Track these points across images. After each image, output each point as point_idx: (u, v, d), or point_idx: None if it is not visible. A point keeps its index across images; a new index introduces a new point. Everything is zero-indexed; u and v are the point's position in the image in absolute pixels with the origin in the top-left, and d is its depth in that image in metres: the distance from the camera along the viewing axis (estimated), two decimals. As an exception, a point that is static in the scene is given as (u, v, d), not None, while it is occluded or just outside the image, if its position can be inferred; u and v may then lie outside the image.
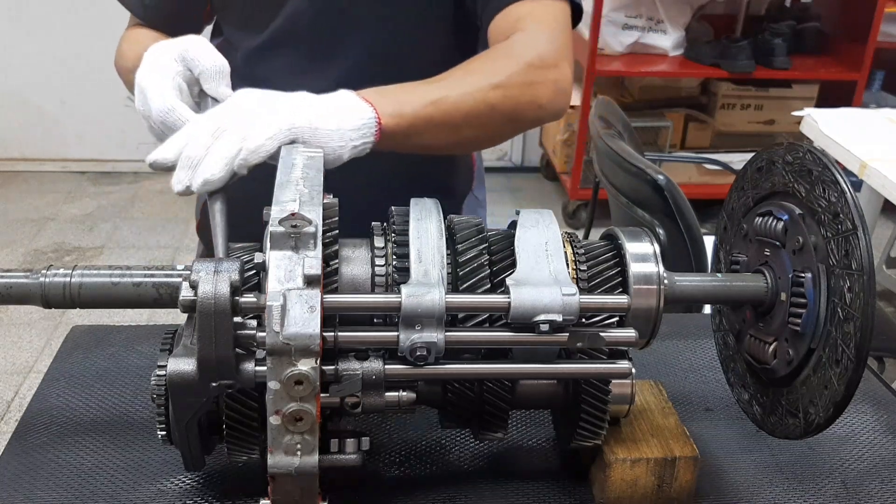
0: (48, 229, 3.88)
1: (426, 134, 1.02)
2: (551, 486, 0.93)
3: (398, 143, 0.99)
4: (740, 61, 3.94)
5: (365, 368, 0.76)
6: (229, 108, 0.92)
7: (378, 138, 0.95)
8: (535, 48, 1.10)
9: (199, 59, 1.00)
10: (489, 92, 1.05)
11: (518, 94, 1.08)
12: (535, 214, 0.87)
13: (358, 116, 0.94)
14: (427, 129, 1.01)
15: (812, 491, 0.95)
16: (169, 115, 0.96)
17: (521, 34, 1.12)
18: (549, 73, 1.11)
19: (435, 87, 1.03)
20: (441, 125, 1.02)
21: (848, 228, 0.79)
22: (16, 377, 2.93)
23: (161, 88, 0.97)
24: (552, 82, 1.11)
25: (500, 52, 1.12)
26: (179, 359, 0.73)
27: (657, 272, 0.86)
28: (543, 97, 1.10)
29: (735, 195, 0.98)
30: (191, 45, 1.01)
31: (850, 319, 0.78)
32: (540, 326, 0.77)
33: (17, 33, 4.19)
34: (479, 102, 1.04)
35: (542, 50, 1.10)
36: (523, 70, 1.08)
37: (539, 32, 1.13)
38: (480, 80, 1.05)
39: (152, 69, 1.00)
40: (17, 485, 0.90)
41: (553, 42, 1.13)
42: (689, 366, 1.19)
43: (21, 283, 0.82)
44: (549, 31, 1.14)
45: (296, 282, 0.70)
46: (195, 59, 1.00)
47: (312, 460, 0.71)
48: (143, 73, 1.00)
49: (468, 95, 1.03)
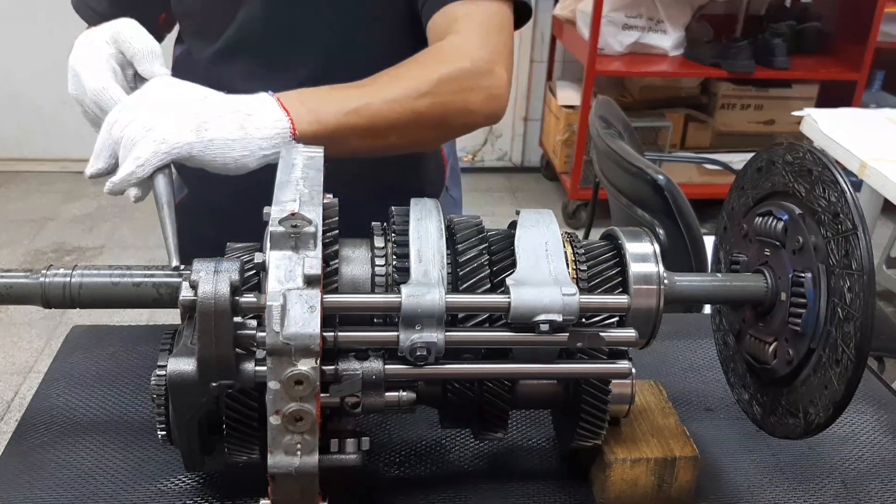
0: (48, 229, 3.88)
1: (349, 141, 1.01)
2: (551, 486, 0.93)
3: None
4: (740, 61, 3.94)
5: (365, 368, 0.76)
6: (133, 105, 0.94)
7: None
8: (468, 52, 1.09)
9: (130, 40, 1.02)
10: (416, 100, 1.03)
11: (446, 101, 1.06)
12: (535, 214, 0.87)
13: (271, 125, 0.94)
14: (348, 136, 1.00)
15: (812, 491, 0.95)
16: (102, 95, 0.99)
17: (455, 37, 1.11)
18: (482, 79, 1.08)
19: (359, 94, 1.02)
20: (364, 132, 1.01)
21: (848, 228, 0.79)
22: (16, 377, 2.93)
23: (94, 69, 1.00)
24: (484, 88, 1.09)
25: (430, 57, 1.10)
26: (179, 359, 0.73)
27: (657, 272, 0.86)
28: (474, 103, 1.09)
29: (735, 195, 0.98)
30: (122, 28, 1.04)
31: (850, 319, 0.78)
32: (540, 326, 0.77)
33: (18, 33, 4.19)
34: (405, 110, 1.03)
35: (476, 54, 1.08)
36: (453, 76, 1.06)
37: (473, 35, 1.11)
38: (407, 86, 1.04)
39: (85, 52, 1.02)
40: (17, 485, 0.90)
41: (487, 46, 1.10)
42: (689, 366, 1.19)
43: (21, 284, 0.82)
44: (484, 33, 1.11)
45: (296, 282, 0.70)
46: (127, 41, 1.02)
47: (312, 460, 0.71)
48: (77, 56, 1.02)
49: (394, 103, 1.02)
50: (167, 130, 0.90)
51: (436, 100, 1.05)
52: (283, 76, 1.14)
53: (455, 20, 1.12)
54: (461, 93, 1.07)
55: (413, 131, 1.07)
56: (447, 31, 1.12)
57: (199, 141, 0.91)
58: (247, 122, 0.93)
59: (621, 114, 2.39)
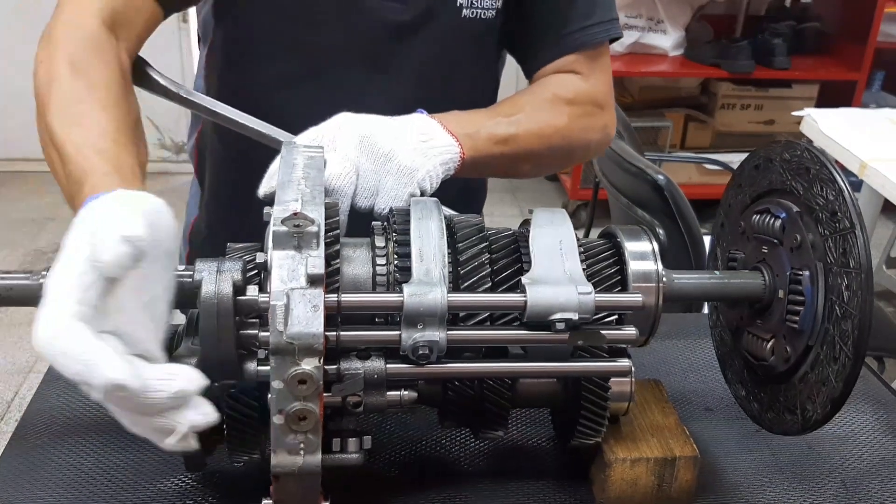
0: (48, 229, 3.88)
1: (491, 166, 1.06)
2: (551, 485, 0.93)
3: (460, 174, 1.02)
4: (740, 61, 3.94)
5: (367, 368, 0.76)
6: (361, 155, 0.94)
7: (457, 173, 1.00)
8: (591, 93, 1.17)
9: None
10: (551, 134, 1.11)
11: (574, 137, 1.15)
12: (548, 213, 0.88)
13: (446, 152, 0.98)
14: (495, 163, 1.06)
15: (812, 491, 0.95)
16: None
17: (576, 78, 1.18)
18: (600, 118, 1.19)
19: (506, 123, 1.07)
20: (507, 160, 1.07)
21: (846, 227, 0.79)
22: (16, 377, 2.93)
23: None
24: (602, 127, 1.19)
25: (559, 90, 1.16)
26: (182, 358, 0.74)
27: (656, 270, 0.86)
28: (594, 140, 1.19)
29: (732, 192, 0.99)
30: None
31: (847, 317, 0.79)
32: (556, 325, 0.77)
33: (18, 34, 4.19)
34: (542, 143, 1.11)
35: (596, 94, 1.18)
36: (581, 114, 1.15)
37: (595, 74, 1.19)
38: (545, 120, 1.12)
39: None
40: (17, 485, 0.90)
41: (602, 85, 1.20)
42: (689, 365, 1.19)
43: (22, 285, 0.82)
44: (599, 72, 1.20)
45: (299, 281, 0.70)
46: None
47: (315, 459, 0.71)
48: None
49: (533, 135, 1.09)
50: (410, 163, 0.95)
51: (566, 135, 1.14)
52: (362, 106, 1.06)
53: (575, 61, 1.19)
54: (585, 130, 1.17)
55: (545, 162, 1.16)
56: (566, 69, 1.19)
57: (429, 173, 0.97)
58: (430, 153, 0.97)
59: (621, 114, 2.39)
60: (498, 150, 1.05)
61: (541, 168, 1.19)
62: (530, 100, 1.15)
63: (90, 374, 0.63)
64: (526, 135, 1.08)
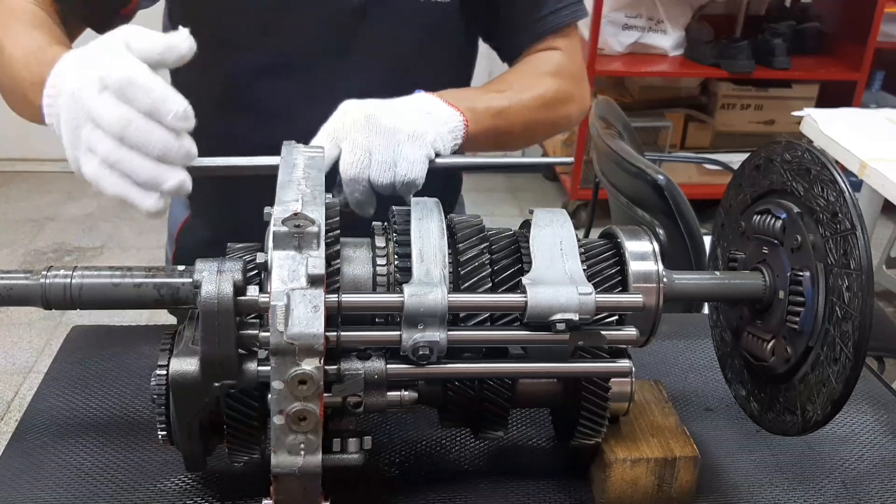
0: (48, 229, 3.89)
1: (487, 139, 1.08)
2: (551, 486, 0.93)
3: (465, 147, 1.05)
4: (740, 61, 3.94)
5: (367, 368, 0.76)
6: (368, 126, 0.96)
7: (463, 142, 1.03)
8: (570, 67, 1.24)
9: None
10: (538, 108, 1.16)
11: (559, 112, 1.22)
12: (549, 214, 0.88)
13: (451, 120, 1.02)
14: (491, 136, 1.09)
15: (812, 491, 0.95)
16: None
17: (556, 53, 1.24)
18: (579, 90, 1.25)
19: (499, 98, 1.11)
20: (501, 133, 1.10)
21: (846, 228, 0.79)
22: (16, 377, 2.93)
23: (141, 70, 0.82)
24: (581, 98, 1.26)
25: (544, 66, 1.23)
26: (182, 359, 0.74)
27: (656, 270, 0.86)
28: (573, 115, 1.26)
29: (732, 192, 0.99)
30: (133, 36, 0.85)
31: (848, 318, 0.79)
32: (556, 325, 0.77)
33: (17, 34, 4.19)
34: (531, 116, 1.15)
35: (573, 68, 1.25)
36: (564, 89, 1.20)
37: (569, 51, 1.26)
38: (534, 95, 1.16)
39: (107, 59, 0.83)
40: (17, 485, 0.90)
41: (579, 60, 1.27)
42: (689, 365, 1.19)
43: (21, 285, 0.82)
44: (573, 52, 1.27)
45: (299, 281, 0.70)
46: None
47: (316, 460, 0.71)
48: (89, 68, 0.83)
49: (525, 109, 1.14)
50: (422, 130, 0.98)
51: (551, 109, 1.20)
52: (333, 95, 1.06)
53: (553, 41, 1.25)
54: (566, 104, 1.23)
55: (531, 135, 1.23)
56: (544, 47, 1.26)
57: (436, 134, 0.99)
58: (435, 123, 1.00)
59: (621, 114, 2.40)
60: (495, 123, 1.09)
61: (531, 139, 1.24)
62: (518, 76, 1.21)
63: None
64: (518, 107, 1.13)
